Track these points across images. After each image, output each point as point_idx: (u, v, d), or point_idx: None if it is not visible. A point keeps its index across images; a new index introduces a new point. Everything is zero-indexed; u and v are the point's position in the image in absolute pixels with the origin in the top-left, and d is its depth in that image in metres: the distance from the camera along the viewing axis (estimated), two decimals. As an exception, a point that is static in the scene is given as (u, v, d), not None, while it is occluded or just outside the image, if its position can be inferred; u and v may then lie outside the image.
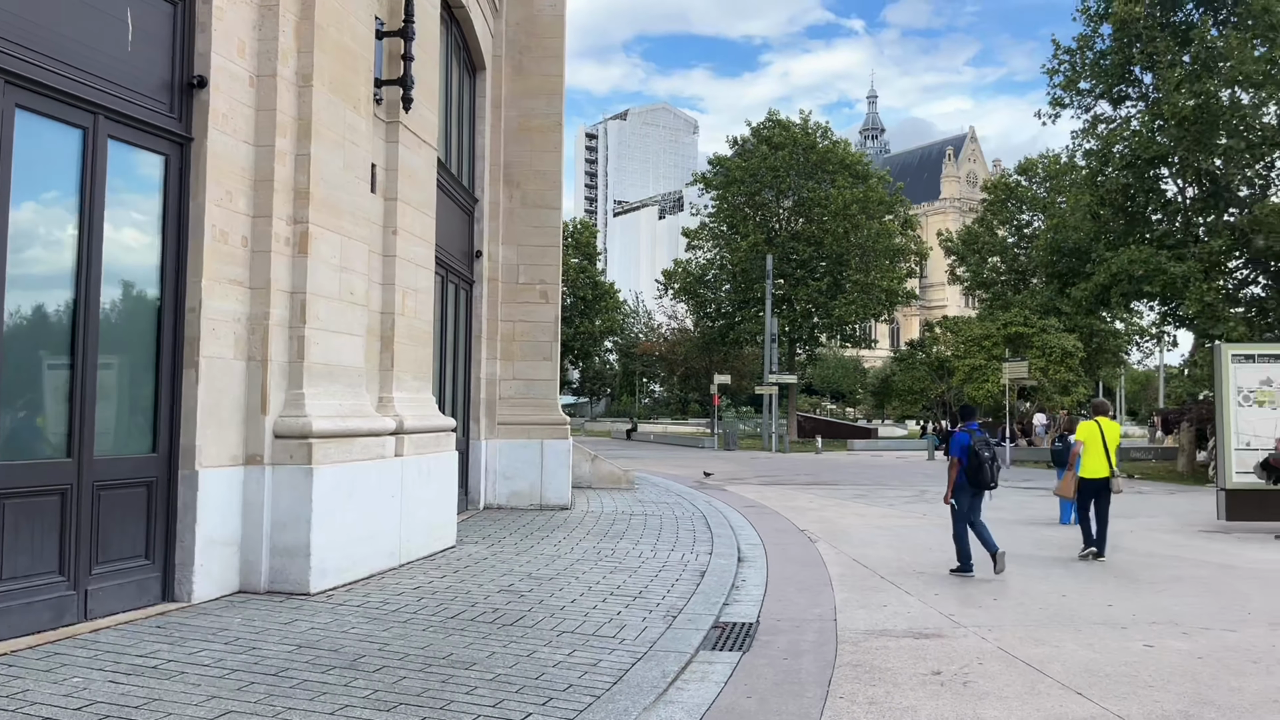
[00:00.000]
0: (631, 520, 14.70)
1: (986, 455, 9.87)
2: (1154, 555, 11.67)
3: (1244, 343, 19.48)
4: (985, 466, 9.81)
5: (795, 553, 11.98)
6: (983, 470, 9.82)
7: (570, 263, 66.56)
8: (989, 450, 9.94)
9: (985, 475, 9.84)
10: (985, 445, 9.96)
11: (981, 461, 9.81)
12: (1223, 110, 24.35)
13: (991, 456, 9.94)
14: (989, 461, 9.85)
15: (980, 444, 9.92)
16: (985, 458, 9.83)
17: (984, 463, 9.81)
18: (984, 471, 9.82)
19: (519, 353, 16.50)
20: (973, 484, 9.99)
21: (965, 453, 9.92)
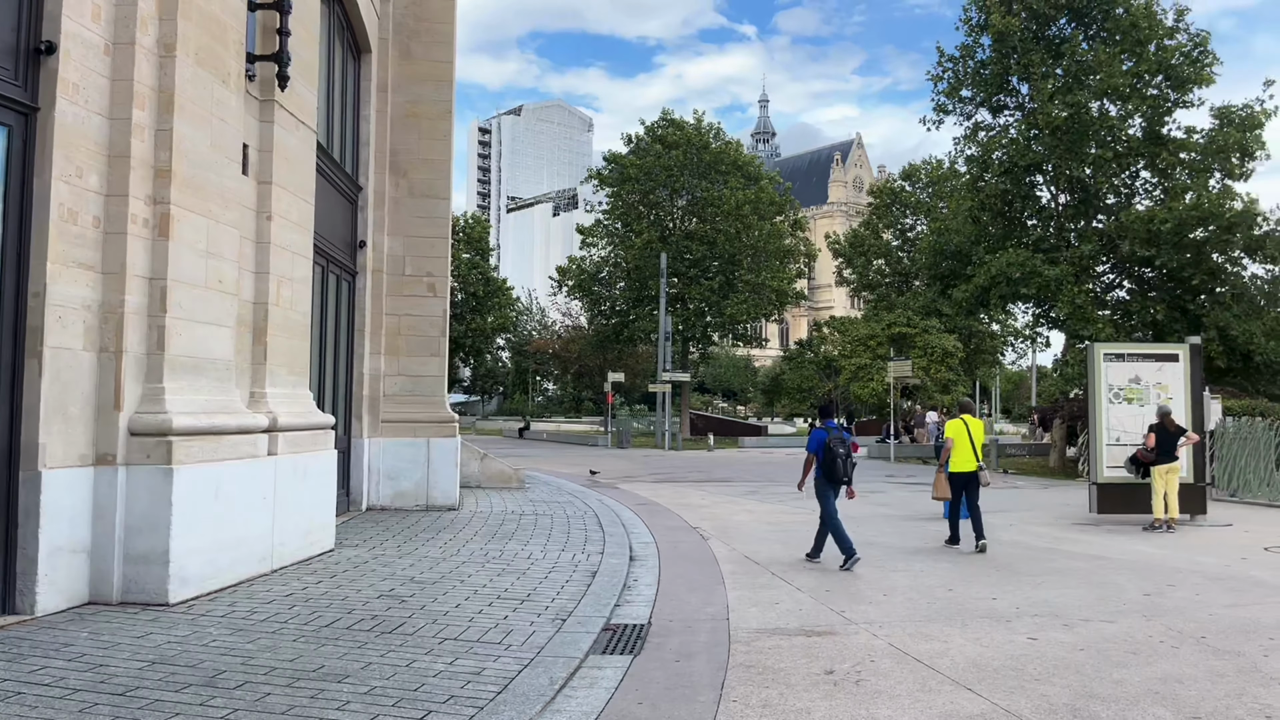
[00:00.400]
0: (521, 520, 14.34)
1: (841, 452, 10.36)
2: (1033, 548, 11.99)
3: (1113, 342, 20.39)
4: (838, 462, 10.33)
5: (688, 550, 11.85)
6: (835, 465, 10.33)
7: (461, 257, 65.36)
8: (843, 447, 10.43)
9: (838, 470, 10.34)
10: (840, 442, 10.44)
11: (835, 457, 10.32)
12: (1092, 121, 25.47)
13: (846, 453, 10.41)
14: (843, 458, 10.36)
15: (835, 441, 10.41)
16: (839, 454, 10.33)
17: (837, 458, 10.32)
18: (837, 466, 10.32)
19: (405, 347, 15.92)
20: (828, 479, 10.49)
21: (821, 449, 10.41)
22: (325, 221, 12.99)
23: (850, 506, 16.83)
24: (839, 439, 10.47)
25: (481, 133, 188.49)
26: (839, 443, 10.42)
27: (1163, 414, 13.78)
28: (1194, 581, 9.51)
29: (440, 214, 16.22)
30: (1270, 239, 23.62)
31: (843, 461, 10.39)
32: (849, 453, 10.49)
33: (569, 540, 12.31)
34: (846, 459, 10.43)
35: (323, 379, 13.25)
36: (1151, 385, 14.44)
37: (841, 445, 10.42)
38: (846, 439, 10.64)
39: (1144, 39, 24.81)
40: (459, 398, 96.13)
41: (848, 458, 10.45)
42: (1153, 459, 13.54)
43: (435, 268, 16.10)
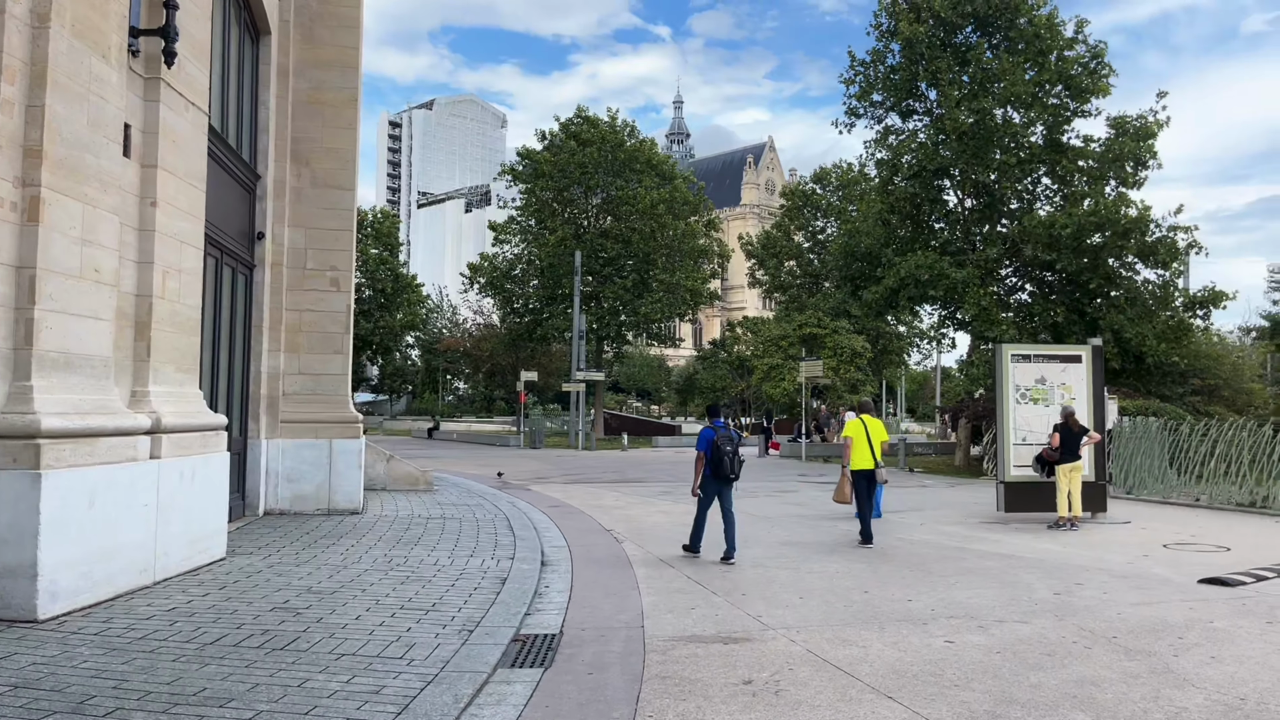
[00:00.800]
0: (429, 524, 13.84)
1: (728, 450, 10.74)
2: (944, 547, 12.07)
3: (1019, 344, 20.87)
4: (725, 460, 10.71)
5: (601, 554, 11.56)
6: (723, 463, 10.70)
7: (369, 253, 63.80)
8: (731, 445, 10.81)
9: (725, 468, 10.70)
10: (728, 441, 10.81)
11: (722, 455, 10.70)
12: (997, 128, 26.11)
13: (733, 451, 10.79)
14: (730, 455, 10.73)
15: (723, 439, 10.78)
16: (727, 452, 10.71)
17: (724, 456, 10.70)
18: (724, 464, 10.70)
19: (306, 345, 15.23)
20: (715, 476, 10.83)
21: (709, 447, 10.77)
22: (219, 211, 12.29)
23: (765, 507, 16.91)
24: (727, 437, 10.82)
25: (392, 126, 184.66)
26: (726, 441, 10.78)
27: (1067, 414, 14.07)
28: (1101, 580, 9.65)
29: (345, 205, 15.58)
30: (1161, 245, 24.59)
31: (730, 459, 10.74)
32: (736, 450, 10.85)
33: (478, 545, 11.90)
34: (734, 456, 10.77)
35: (216, 377, 12.54)
36: (1056, 386, 14.75)
37: (729, 444, 10.77)
38: (735, 438, 11.01)
39: (1045, 49, 25.55)
40: (366, 397, 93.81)
41: (735, 455, 10.80)
42: (1057, 458, 13.81)
43: (339, 261, 15.46)
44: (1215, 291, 25.29)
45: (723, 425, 11.06)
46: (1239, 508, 16.19)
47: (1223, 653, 6.75)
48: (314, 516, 14.43)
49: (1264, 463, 16.25)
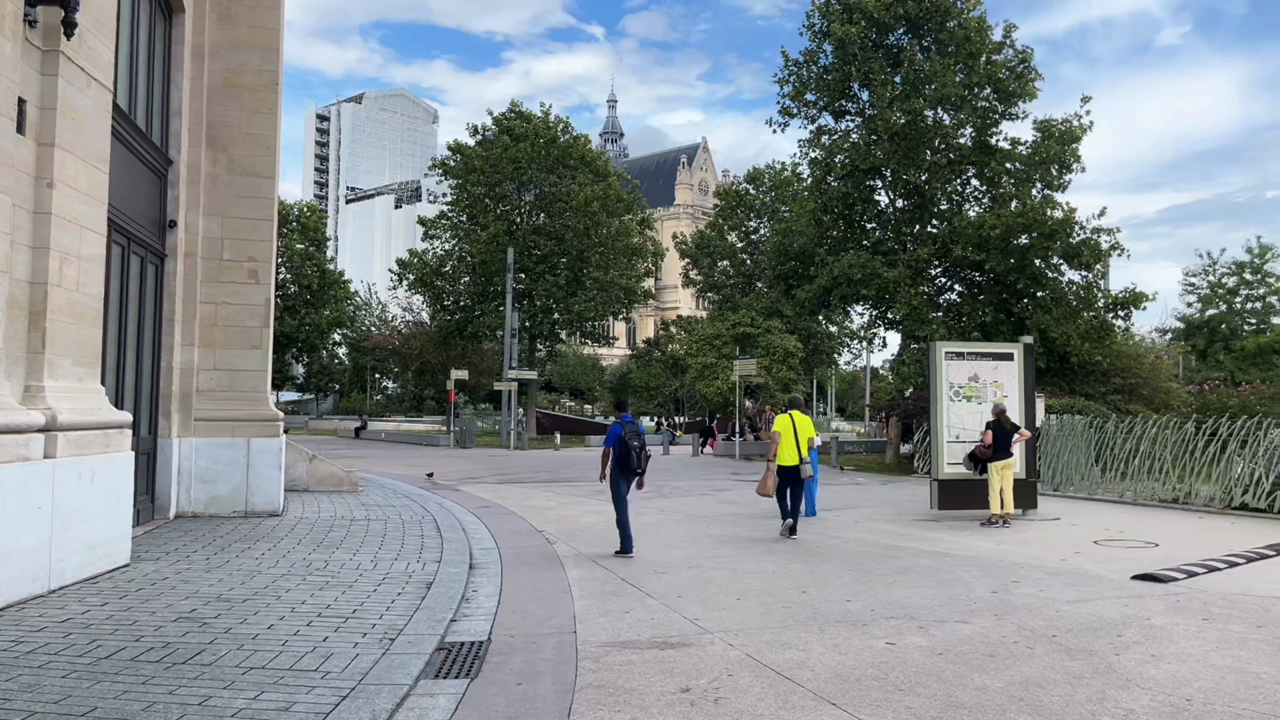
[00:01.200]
0: (352, 526, 13.30)
1: (635, 445, 11.05)
2: (880, 546, 11.96)
3: (954, 341, 21.04)
4: (632, 454, 11.00)
5: (532, 556, 11.19)
6: (629, 458, 11.01)
7: (295, 248, 62.17)
8: (638, 440, 11.13)
9: (632, 462, 11.01)
10: (635, 436, 11.13)
11: (629, 450, 11.00)
12: (928, 129, 26.36)
13: (640, 446, 11.11)
14: (636, 450, 11.04)
15: (630, 434, 11.08)
16: (634, 447, 11.03)
17: (631, 450, 11.00)
18: (631, 459, 11.00)
19: (222, 339, 14.53)
20: (622, 469, 11.13)
21: (617, 442, 11.08)
22: (126, 196, 11.61)
23: (701, 505, 16.69)
24: (634, 433, 11.15)
25: (320, 119, 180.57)
26: (634, 436, 11.10)
27: (998, 411, 14.13)
28: (1036, 577, 9.61)
29: (264, 194, 14.91)
30: (1086, 246, 25.08)
31: (636, 454, 11.03)
32: (643, 446, 11.18)
33: (403, 548, 11.44)
34: (640, 451, 11.08)
35: (123, 372, 11.83)
36: (989, 383, 14.81)
37: (636, 439, 11.11)
38: (642, 432, 11.34)
39: (975, 52, 25.88)
40: (292, 396, 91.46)
41: (641, 450, 11.10)
42: (990, 456, 13.85)
43: (258, 252, 14.79)
44: (1136, 293, 25.95)
45: (630, 421, 11.34)
46: (1162, 504, 16.49)
47: (1163, 651, 6.68)
48: (230, 519, 13.76)
49: (1186, 460, 16.58)
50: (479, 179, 45.89)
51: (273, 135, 15.03)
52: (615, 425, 11.28)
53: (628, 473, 11.15)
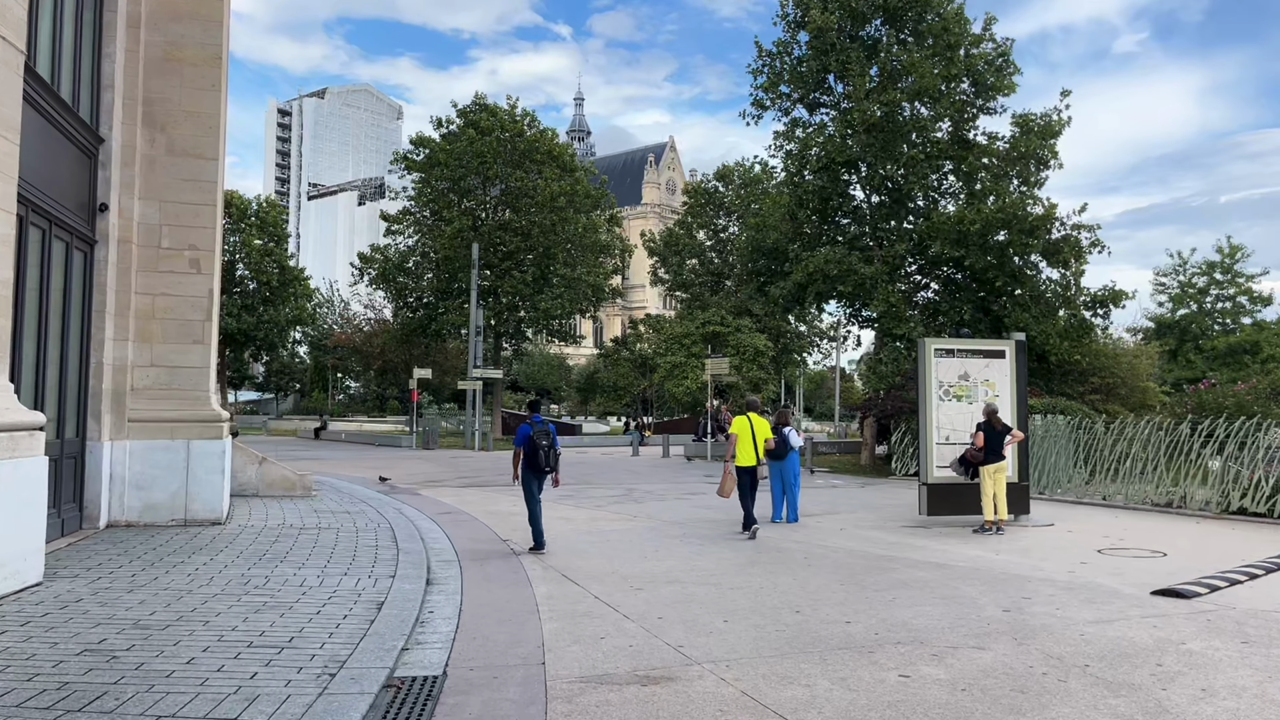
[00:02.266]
0: (301, 536, 12.27)
1: (544, 444, 11.36)
2: (871, 556, 11.16)
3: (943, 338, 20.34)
4: (540, 453, 11.33)
5: (497, 570, 10.25)
6: (537, 456, 11.34)
7: (253, 244, 60.45)
8: (546, 440, 11.41)
9: (540, 461, 11.35)
10: (544, 435, 11.42)
11: (538, 449, 11.33)
12: (905, 122, 25.71)
13: (549, 445, 11.40)
14: (545, 449, 11.35)
15: (539, 434, 11.39)
16: (542, 446, 11.34)
17: (539, 449, 11.33)
18: (538, 457, 11.34)
19: (161, 333, 13.43)
20: (532, 469, 11.46)
21: (526, 442, 11.40)
22: (47, 174, 10.52)
23: (675, 510, 15.75)
24: (543, 432, 11.43)
25: (281, 114, 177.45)
26: (542, 435, 11.40)
27: (990, 411, 13.39)
28: (1048, 593, 8.83)
29: (207, 177, 13.81)
30: (1066, 243, 24.55)
31: (545, 453, 11.35)
32: (552, 444, 11.45)
33: (355, 560, 10.45)
34: (549, 450, 11.38)
35: (42, 369, 10.72)
36: (979, 382, 14.08)
37: (545, 438, 11.40)
38: (552, 431, 11.63)
39: (953, 44, 25.26)
40: (251, 396, 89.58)
41: (550, 449, 11.40)
42: (981, 459, 13.11)
43: (200, 240, 13.69)
44: (1115, 291, 25.47)
45: (540, 421, 11.67)
46: (1156, 508, 15.88)
47: (1214, 683, 5.90)
48: (168, 529, 12.68)
49: (1180, 462, 15.97)
50: (443, 173, 44.70)
51: (216, 114, 13.93)
52: (524, 426, 11.56)
53: (538, 472, 11.46)
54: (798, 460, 14.47)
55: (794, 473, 14.37)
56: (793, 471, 14.39)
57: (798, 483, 14.44)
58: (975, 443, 13.17)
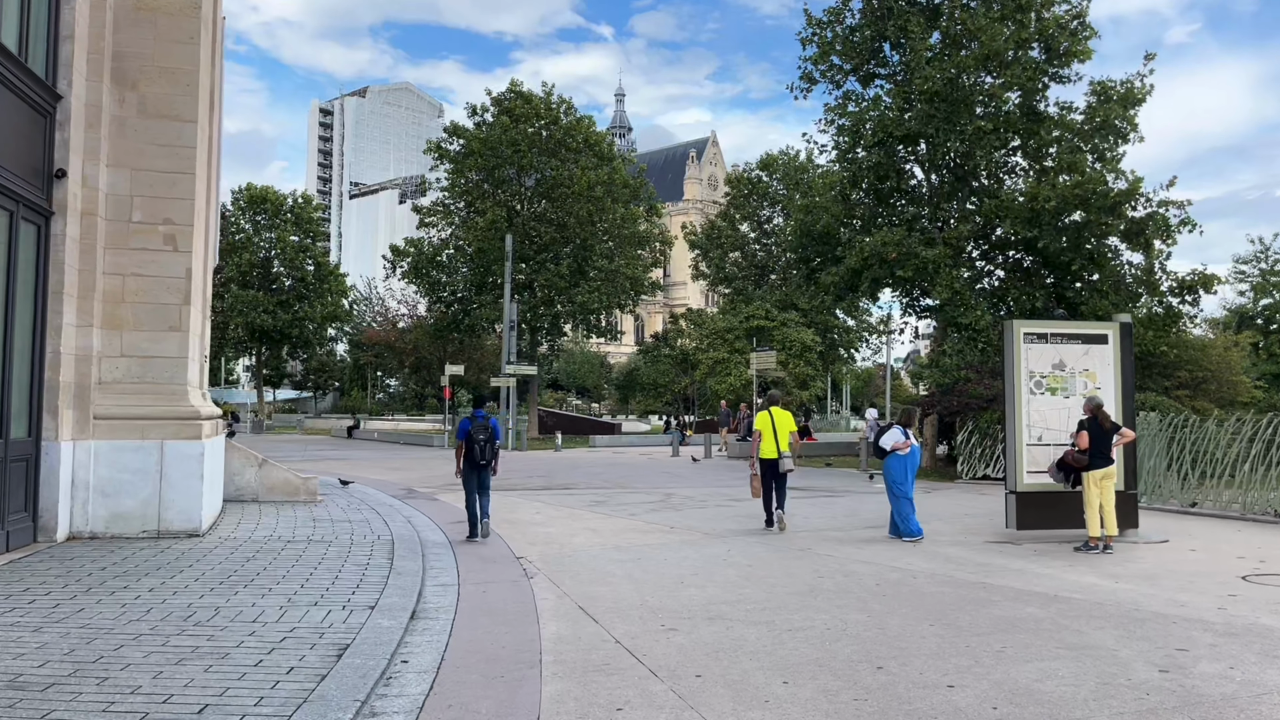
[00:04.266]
0: (284, 551, 10.59)
1: (481, 439, 11.95)
2: (959, 583, 9.15)
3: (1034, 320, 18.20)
4: (477, 447, 11.93)
5: (499, 599, 8.42)
6: (474, 450, 11.93)
7: (289, 240, 59.62)
8: (484, 434, 11.99)
9: (476, 454, 11.94)
10: (482, 430, 11.99)
11: (474, 443, 11.92)
12: (969, 91, 23.51)
13: (486, 439, 11.98)
14: (481, 444, 11.94)
15: (478, 429, 11.98)
16: (479, 440, 11.94)
17: (476, 444, 11.93)
18: (475, 451, 11.93)
19: (132, 319, 11.83)
20: (468, 461, 11.99)
21: (465, 436, 11.99)
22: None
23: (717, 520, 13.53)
24: (481, 427, 12.00)
25: (323, 114, 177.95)
26: (481, 430, 11.97)
27: (1094, 406, 11.23)
28: (1206, 641, 6.78)
29: (185, 142, 12.18)
30: (1152, 221, 22.14)
31: (481, 447, 11.93)
32: (489, 439, 12.01)
33: (336, 583, 8.73)
34: (487, 444, 11.98)
35: (-28, 356, 9.13)
36: (1077, 372, 11.96)
37: (483, 433, 11.97)
38: (493, 426, 12.18)
39: (1024, 4, 22.99)
40: (290, 394, 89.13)
41: (488, 443, 11.99)
42: (1086, 464, 11.01)
43: (177, 213, 12.07)
44: (1205, 275, 22.97)
45: (481, 416, 12.20)
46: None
47: None
48: (136, 541, 11.07)
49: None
50: (476, 162, 43.12)
51: (194, 70, 12.30)
52: (465, 420, 12.20)
53: (474, 465, 11.97)
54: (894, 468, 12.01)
55: (891, 480, 12.04)
56: (890, 479, 12.09)
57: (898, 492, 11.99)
58: (1077, 443, 11.06)
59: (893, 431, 12.17)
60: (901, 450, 11.98)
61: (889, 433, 12.20)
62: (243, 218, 59.88)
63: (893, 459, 12.04)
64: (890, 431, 12.18)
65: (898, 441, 12.02)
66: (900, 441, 12.00)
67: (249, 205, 59.77)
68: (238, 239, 58.82)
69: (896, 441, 12.01)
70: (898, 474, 11.97)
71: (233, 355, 67.36)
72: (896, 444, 12.00)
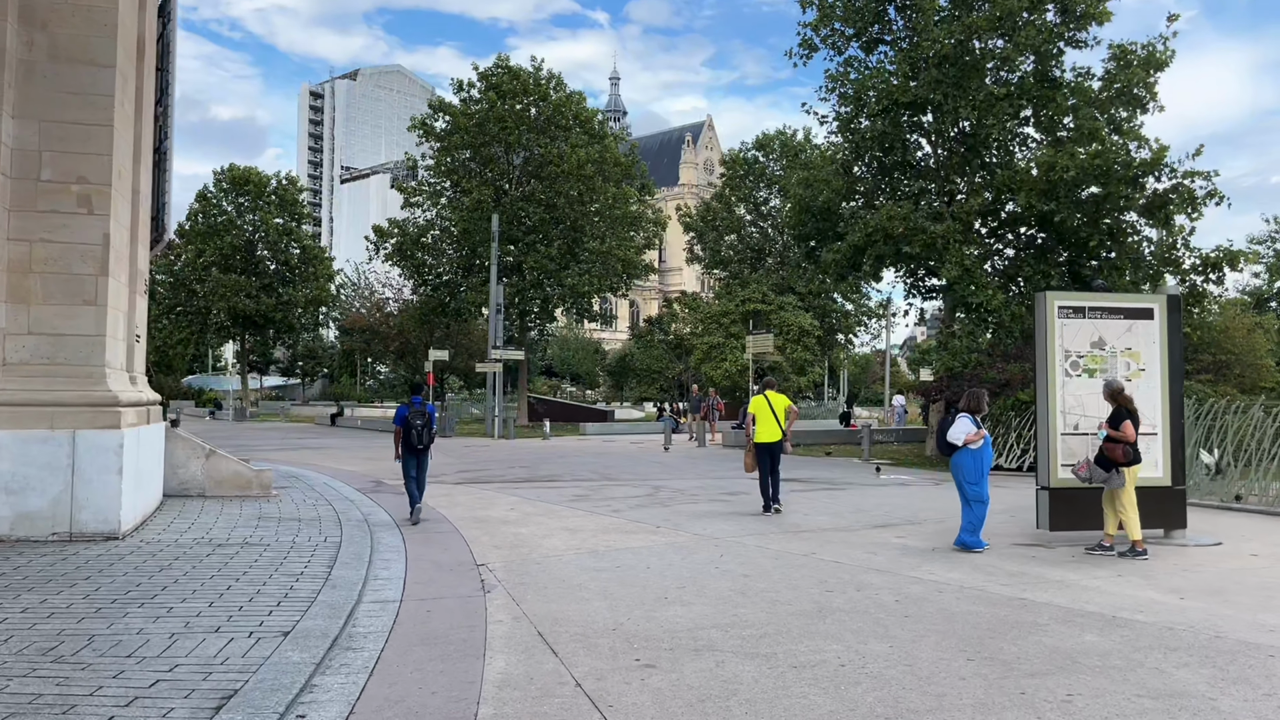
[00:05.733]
0: (209, 557, 9.19)
1: (417, 424, 12.22)
2: (996, 599, 7.74)
3: (1069, 291, 16.74)
4: (413, 432, 12.22)
5: (444, 622, 7.00)
6: (410, 435, 12.23)
7: (272, 223, 57.96)
8: (421, 420, 12.27)
9: (413, 439, 12.23)
10: (419, 416, 12.29)
11: (411, 428, 12.21)
12: (981, 55, 22.01)
13: (423, 425, 12.26)
14: (417, 429, 12.22)
15: (414, 415, 12.27)
16: (415, 425, 12.21)
17: (412, 429, 12.21)
18: (411, 436, 12.23)
19: (41, 291, 10.39)
20: (405, 446, 12.31)
21: (402, 422, 12.28)
22: None
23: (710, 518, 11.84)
24: (418, 413, 12.29)
25: (314, 98, 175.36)
26: (417, 416, 12.27)
27: (1115, 390, 9.77)
28: (1325, 684, 5.37)
29: (102, 90, 10.70)
30: (1177, 193, 20.66)
31: (417, 432, 12.24)
32: (426, 424, 12.32)
33: (253, 602, 7.32)
34: (424, 429, 12.30)
35: None
36: (1119, 351, 10.53)
37: (420, 419, 12.27)
38: (430, 412, 12.49)
39: (1040, -37, 21.47)
40: (277, 381, 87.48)
41: (425, 428, 12.30)
42: (1133, 457, 9.57)
43: (92, 171, 10.60)
44: (1231, 251, 21.50)
45: (418, 403, 12.52)
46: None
47: None
48: (43, 545, 9.66)
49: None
50: (463, 139, 41.46)
51: (112, 9, 10.79)
52: (402, 407, 12.49)
53: (410, 450, 12.33)
54: (968, 465, 10.06)
55: (964, 480, 10.12)
56: (962, 478, 10.15)
57: (973, 495, 10.04)
58: (1126, 436, 9.57)
59: (962, 421, 10.12)
60: (974, 444, 10.00)
61: (957, 423, 10.14)
62: (225, 199, 58.19)
63: (965, 455, 10.05)
64: (959, 422, 10.14)
65: (970, 434, 10.01)
66: (973, 433, 10.03)
67: (232, 187, 58.07)
68: (220, 221, 57.16)
69: (969, 434, 10.00)
70: (972, 473, 10.01)
71: (216, 341, 65.71)
72: (969, 437, 10.01)
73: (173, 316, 58.18)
